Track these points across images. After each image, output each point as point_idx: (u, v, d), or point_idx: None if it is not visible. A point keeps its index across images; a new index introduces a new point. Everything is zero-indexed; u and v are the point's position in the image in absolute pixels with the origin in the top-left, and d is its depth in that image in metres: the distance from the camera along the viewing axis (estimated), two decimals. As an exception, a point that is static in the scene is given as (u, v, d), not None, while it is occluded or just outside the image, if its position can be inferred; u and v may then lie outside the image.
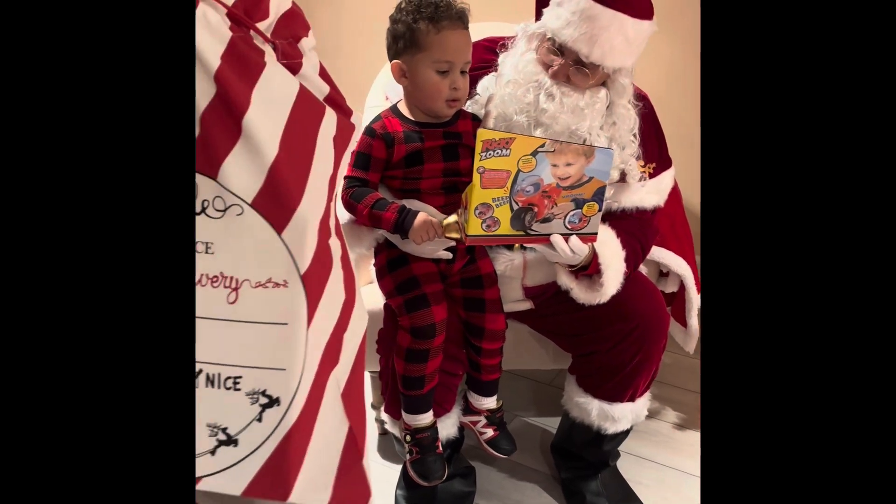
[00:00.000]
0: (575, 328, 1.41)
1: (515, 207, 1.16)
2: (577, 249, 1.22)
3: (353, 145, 1.00)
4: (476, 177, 1.12)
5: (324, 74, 0.96)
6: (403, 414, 1.37)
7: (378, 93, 1.78)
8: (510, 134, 1.11)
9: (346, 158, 0.99)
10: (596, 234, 1.24)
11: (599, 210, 1.21)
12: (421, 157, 1.27)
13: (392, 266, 1.32)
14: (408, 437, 1.37)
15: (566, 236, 1.21)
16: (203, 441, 0.89)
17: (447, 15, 1.19)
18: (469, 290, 1.35)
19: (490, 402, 1.42)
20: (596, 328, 1.37)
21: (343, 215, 1.30)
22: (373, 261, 1.43)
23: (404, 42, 1.22)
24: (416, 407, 1.35)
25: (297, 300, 0.88)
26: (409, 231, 1.22)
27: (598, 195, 1.19)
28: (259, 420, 0.89)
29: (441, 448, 1.39)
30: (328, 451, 0.97)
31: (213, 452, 0.90)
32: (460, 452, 1.57)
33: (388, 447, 1.74)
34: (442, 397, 1.40)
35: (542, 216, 1.18)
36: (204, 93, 0.83)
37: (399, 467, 1.58)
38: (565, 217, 1.19)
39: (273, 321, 0.88)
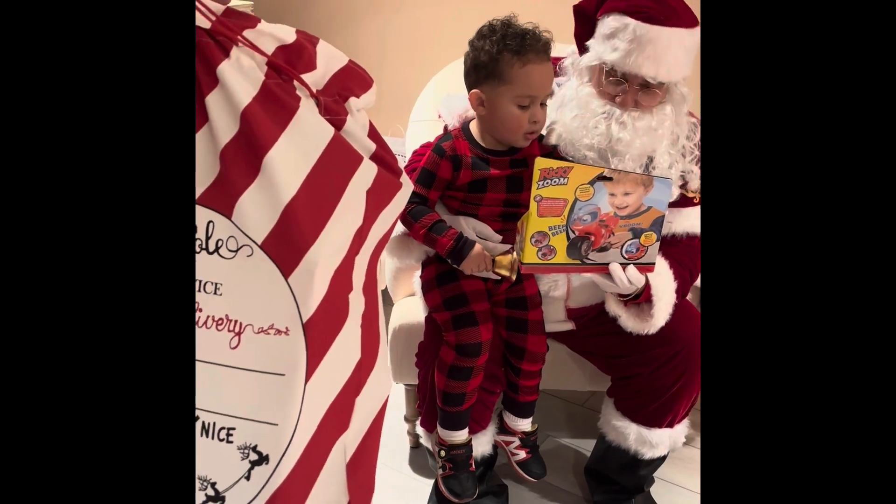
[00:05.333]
0: (616, 350, 1.40)
1: (572, 236, 1.15)
2: (634, 280, 1.21)
3: (400, 203, 0.96)
4: (533, 205, 1.11)
5: (373, 134, 0.94)
6: (439, 429, 1.37)
7: (425, 106, 1.78)
8: (568, 163, 1.10)
9: (386, 216, 0.94)
10: (653, 264, 1.22)
11: (657, 240, 1.19)
12: (485, 186, 1.26)
13: (441, 280, 1.32)
14: (442, 453, 1.37)
15: (623, 266, 1.20)
16: None
17: (533, 48, 1.16)
18: (513, 311, 1.34)
19: (525, 425, 1.41)
20: (637, 351, 1.36)
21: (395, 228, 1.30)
22: (416, 273, 1.43)
23: (486, 72, 1.19)
24: (453, 423, 1.35)
25: (297, 350, 0.83)
26: (462, 261, 1.22)
27: (657, 225, 1.18)
28: (247, 478, 0.84)
29: (474, 466, 1.38)
30: None
31: None
32: (493, 470, 1.56)
33: (418, 460, 1.73)
34: (479, 414, 1.39)
35: (599, 245, 1.17)
36: (227, 129, 0.82)
37: (429, 481, 1.57)
38: (622, 246, 1.18)
39: (271, 371, 0.83)
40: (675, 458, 1.70)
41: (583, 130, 1.27)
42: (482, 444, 1.42)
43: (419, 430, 1.46)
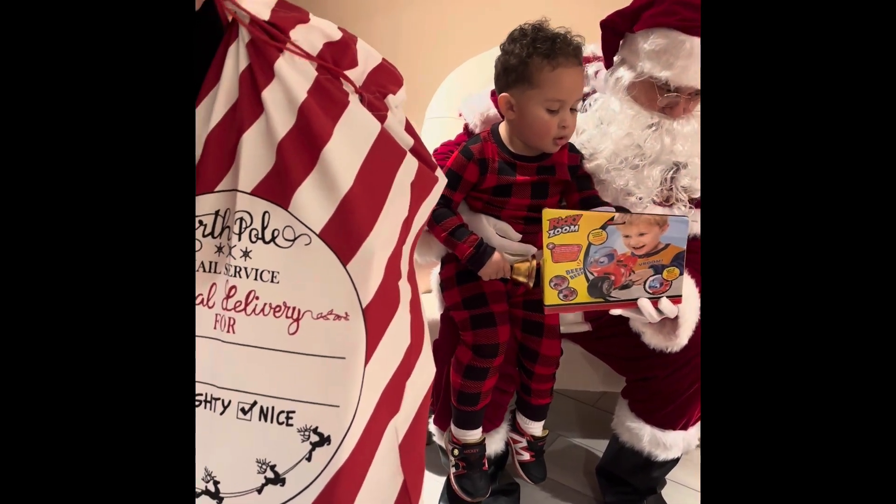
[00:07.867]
0: (632, 352, 1.39)
1: (591, 278, 1.14)
2: (668, 312, 1.19)
3: (436, 196, 0.99)
4: (546, 252, 1.11)
5: (409, 129, 0.96)
6: (453, 427, 1.37)
7: (440, 104, 1.78)
8: (576, 211, 1.10)
9: (425, 208, 0.97)
10: (680, 296, 1.20)
11: (681, 274, 1.18)
12: (510, 191, 1.26)
13: (461, 279, 1.32)
14: (455, 451, 1.37)
15: (655, 300, 1.18)
16: (251, 478, 0.87)
17: (563, 52, 1.15)
18: (530, 313, 1.33)
19: (536, 429, 1.40)
20: (654, 354, 1.35)
21: None
22: (434, 269, 1.43)
23: (515, 76, 1.18)
24: (467, 422, 1.34)
25: (357, 334, 0.86)
26: (482, 267, 1.22)
27: (678, 260, 1.16)
28: (308, 459, 0.86)
29: (487, 465, 1.38)
30: (378, 502, 0.93)
31: (259, 491, 0.87)
32: (505, 469, 1.56)
33: (431, 458, 1.73)
34: (492, 413, 1.39)
35: (620, 284, 1.16)
36: (283, 123, 0.85)
37: (441, 478, 1.57)
38: (645, 283, 1.17)
39: (331, 355, 0.86)
40: (685, 459, 1.69)
41: (631, 148, 1.26)
42: (495, 443, 1.42)
43: (432, 427, 1.46)
